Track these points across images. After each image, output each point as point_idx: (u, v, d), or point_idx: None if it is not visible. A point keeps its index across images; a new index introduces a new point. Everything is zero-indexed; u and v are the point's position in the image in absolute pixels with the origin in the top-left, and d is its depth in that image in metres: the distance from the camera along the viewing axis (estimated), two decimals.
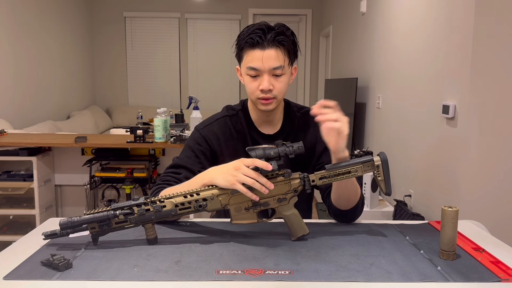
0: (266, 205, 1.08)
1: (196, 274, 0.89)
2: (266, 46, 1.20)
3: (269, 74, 1.21)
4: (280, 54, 1.21)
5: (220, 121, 1.35)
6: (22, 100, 4.45)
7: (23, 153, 2.82)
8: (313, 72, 6.72)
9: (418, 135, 2.73)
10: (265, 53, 1.20)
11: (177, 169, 1.29)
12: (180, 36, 6.66)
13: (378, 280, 0.88)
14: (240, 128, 1.34)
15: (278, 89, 1.23)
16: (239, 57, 1.27)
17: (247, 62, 1.23)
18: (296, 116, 1.36)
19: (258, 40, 1.20)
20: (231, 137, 1.33)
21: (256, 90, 1.23)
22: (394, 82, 3.23)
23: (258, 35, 1.20)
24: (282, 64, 1.22)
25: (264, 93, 1.22)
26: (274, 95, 1.23)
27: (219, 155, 1.32)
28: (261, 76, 1.22)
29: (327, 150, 1.30)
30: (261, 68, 1.21)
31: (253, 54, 1.21)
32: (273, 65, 1.20)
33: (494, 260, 0.97)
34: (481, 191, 2.15)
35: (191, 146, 1.33)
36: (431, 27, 2.58)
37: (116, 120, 6.50)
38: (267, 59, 1.20)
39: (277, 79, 1.23)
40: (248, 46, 1.22)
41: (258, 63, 1.20)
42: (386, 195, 1.14)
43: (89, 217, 1.02)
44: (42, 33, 4.92)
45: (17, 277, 0.89)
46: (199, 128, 1.36)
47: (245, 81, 1.27)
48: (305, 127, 1.36)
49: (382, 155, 1.08)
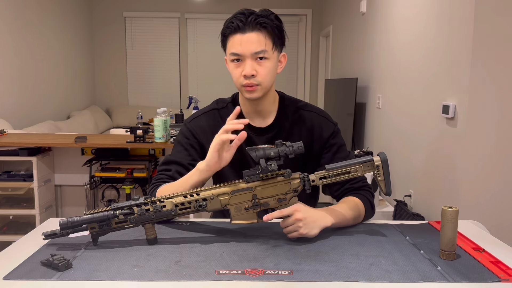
0: (266, 205, 1.08)
1: (196, 274, 0.89)
2: (247, 29, 1.16)
3: (251, 58, 1.16)
4: (261, 37, 1.16)
5: (207, 114, 1.33)
6: (22, 100, 4.44)
7: (23, 153, 2.82)
8: (313, 72, 6.71)
9: (418, 135, 2.73)
10: (245, 36, 1.16)
11: (168, 165, 1.28)
12: (180, 36, 6.66)
13: (378, 280, 0.87)
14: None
15: (262, 75, 1.18)
16: (223, 45, 1.23)
17: (229, 48, 1.19)
18: (290, 110, 1.31)
19: (238, 24, 1.16)
20: (219, 129, 1.28)
21: (240, 77, 1.19)
22: (394, 82, 3.23)
23: (239, 19, 1.17)
24: (264, 48, 1.16)
25: (248, 79, 1.17)
26: (258, 82, 1.18)
27: (207, 148, 1.25)
28: (243, 62, 1.17)
29: (326, 151, 1.30)
30: (242, 52, 1.16)
31: (234, 39, 1.17)
32: (255, 49, 1.16)
33: (494, 260, 0.97)
34: (481, 191, 2.15)
35: (179, 140, 1.31)
36: (431, 27, 2.58)
37: (116, 120, 6.50)
38: (247, 42, 1.15)
39: (260, 63, 1.17)
40: (229, 32, 1.18)
41: (240, 47, 1.16)
42: (386, 195, 1.14)
43: (89, 217, 1.02)
44: (42, 33, 4.92)
45: (17, 277, 0.89)
46: (186, 122, 1.34)
47: (230, 69, 1.22)
48: (300, 122, 1.30)
49: (382, 155, 1.08)
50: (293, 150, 1.05)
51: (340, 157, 1.27)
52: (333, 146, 1.30)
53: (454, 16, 2.27)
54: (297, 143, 1.06)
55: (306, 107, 1.33)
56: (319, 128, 1.30)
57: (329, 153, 1.29)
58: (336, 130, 1.32)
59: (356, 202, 1.21)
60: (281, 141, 1.06)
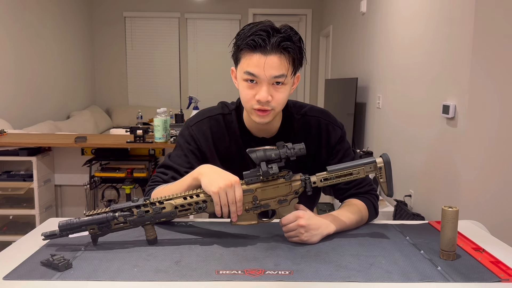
0: (266, 206, 1.08)
1: (196, 274, 0.89)
2: (269, 51, 1.06)
3: (268, 83, 1.08)
4: (284, 61, 1.07)
5: (211, 120, 1.25)
6: (22, 100, 4.45)
7: (23, 153, 2.82)
8: (313, 72, 6.72)
9: (418, 135, 2.73)
10: (268, 59, 1.06)
11: (166, 169, 1.25)
12: (180, 36, 6.66)
13: (378, 280, 0.87)
14: (233, 130, 1.24)
15: (277, 101, 1.10)
16: (236, 58, 1.14)
17: (245, 66, 1.09)
18: (295, 118, 1.25)
19: (260, 43, 1.06)
20: (222, 138, 1.24)
21: (251, 99, 1.10)
22: (394, 82, 3.23)
23: (261, 37, 1.06)
24: (285, 73, 1.08)
25: (261, 105, 1.09)
26: (272, 107, 1.11)
27: (208, 156, 1.24)
28: (259, 84, 1.09)
29: (333, 157, 1.26)
30: (261, 75, 1.07)
31: (253, 58, 1.07)
32: (275, 74, 1.07)
33: (494, 260, 0.97)
34: (481, 191, 2.15)
35: (181, 144, 1.27)
36: (431, 27, 2.58)
37: (116, 120, 6.50)
38: (269, 66, 1.06)
39: (277, 89, 1.10)
40: (248, 48, 1.08)
41: (258, 69, 1.07)
42: (387, 197, 1.14)
43: (88, 219, 1.02)
44: (42, 33, 4.92)
45: (17, 277, 0.88)
46: (189, 125, 1.27)
47: (240, 87, 1.14)
48: (305, 130, 1.25)
49: (384, 156, 1.07)
50: (295, 153, 1.03)
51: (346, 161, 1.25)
52: (339, 152, 1.26)
53: (454, 16, 2.27)
54: (298, 145, 1.04)
55: (311, 112, 1.27)
56: (326, 135, 1.25)
57: (335, 159, 1.26)
58: (343, 134, 1.28)
59: (360, 207, 1.19)
60: (282, 142, 1.05)
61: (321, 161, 1.25)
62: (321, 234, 1.07)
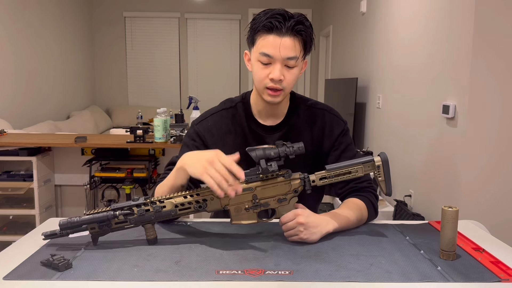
0: (266, 205, 1.08)
1: (196, 274, 0.89)
2: (285, 33, 1.13)
3: (281, 63, 1.15)
4: (297, 44, 1.14)
5: (215, 116, 1.30)
6: (22, 100, 4.45)
7: (23, 153, 2.82)
8: (313, 72, 6.72)
9: (418, 135, 2.73)
10: (283, 40, 1.13)
11: (172, 166, 1.24)
12: (180, 36, 6.66)
13: (378, 280, 0.87)
14: (239, 121, 1.28)
15: (288, 81, 1.17)
16: (252, 40, 1.19)
17: (261, 46, 1.15)
18: (301, 108, 1.30)
19: (276, 25, 1.12)
20: (228, 132, 1.28)
21: (265, 78, 1.16)
22: (394, 82, 3.23)
23: (277, 19, 1.12)
24: (297, 55, 1.15)
25: (274, 83, 1.15)
26: (283, 87, 1.17)
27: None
28: (273, 64, 1.15)
29: (334, 149, 1.29)
30: (276, 55, 1.13)
31: (269, 39, 1.14)
32: (289, 55, 1.14)
33: (494, 260, 0.97)
34: (481, 191, 2.15)
35: (186, 142, 1.30)
36: (431, 28, 2.58)
37: (116, 120, 6.50)
38: (284, 47, 1.13)
39: (288, 70, 1.16)
40: (264, 30, 1.14)
41: (274, 50, 1.13)
42: (386, 196, 1.14)
43: (89, 217, 1.02)
44: (42, 33, 4.92)
45: (17, 277, 0.88)
46: (194, 124, 1.32)
47: (254, 68, 1.19)
48: (311, 120, 1.29)
49: (382, 155, 1.08)
50: (294, 151, 1.04)
51: (347, 156, 1.26)
52: (342, 145, 1.29)
53: (454, 16, 2.27)
54: (297, 144, 1.05)
55: (317, 105, 1.32)
56: (330, 126, 1.29)
57: (337, 151, 1.29)
58: (346, 129, 1.32)
59: (360, 206, 1.20)
60: (281, 141, 1.06)
61: (324, 151, 1.29)
62: (320, 232, 1.07)
